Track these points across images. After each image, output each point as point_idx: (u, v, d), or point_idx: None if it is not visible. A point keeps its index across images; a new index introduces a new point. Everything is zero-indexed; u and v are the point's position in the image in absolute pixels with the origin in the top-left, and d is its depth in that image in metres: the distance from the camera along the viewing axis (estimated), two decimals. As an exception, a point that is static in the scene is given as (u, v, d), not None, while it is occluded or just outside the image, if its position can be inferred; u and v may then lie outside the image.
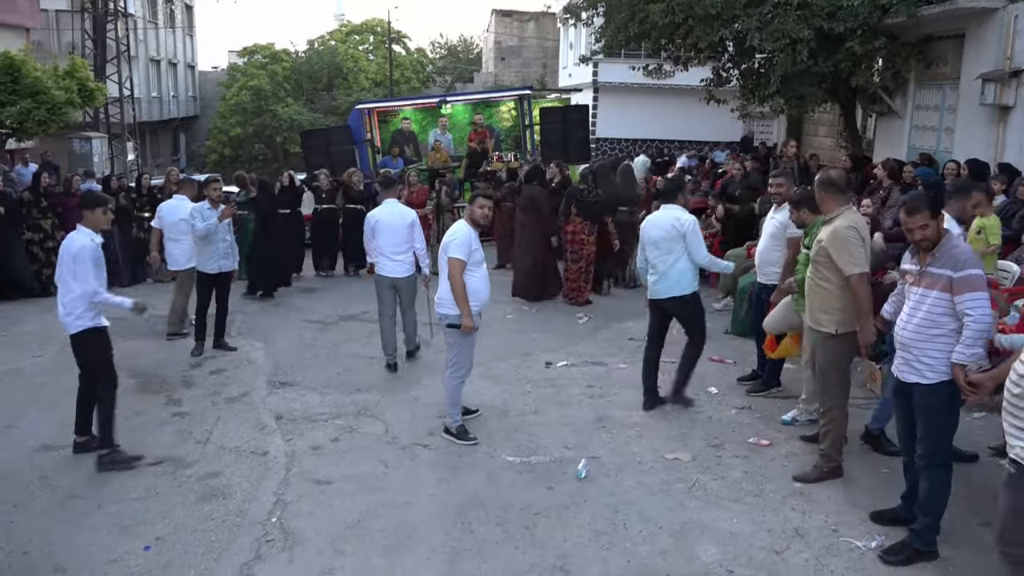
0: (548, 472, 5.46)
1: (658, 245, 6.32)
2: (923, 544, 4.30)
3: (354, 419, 6.45)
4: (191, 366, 7.82)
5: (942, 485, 4.26)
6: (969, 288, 3.99)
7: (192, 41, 41.16)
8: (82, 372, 5.75)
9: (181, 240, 8.63)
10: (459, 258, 5.76)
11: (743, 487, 5.18)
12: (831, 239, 5.03)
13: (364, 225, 7.68)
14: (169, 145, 37.51)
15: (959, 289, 4.02)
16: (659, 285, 6.39)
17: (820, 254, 5.12)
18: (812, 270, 5.27)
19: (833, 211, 5.16)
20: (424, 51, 47.61)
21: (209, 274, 8.15)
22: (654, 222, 6.44)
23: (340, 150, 15.55)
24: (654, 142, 25.52)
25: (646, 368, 6.68)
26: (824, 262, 5.11)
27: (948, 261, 4.09)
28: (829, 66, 11.10)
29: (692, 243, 6.26)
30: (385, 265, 7.55)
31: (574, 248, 9.99)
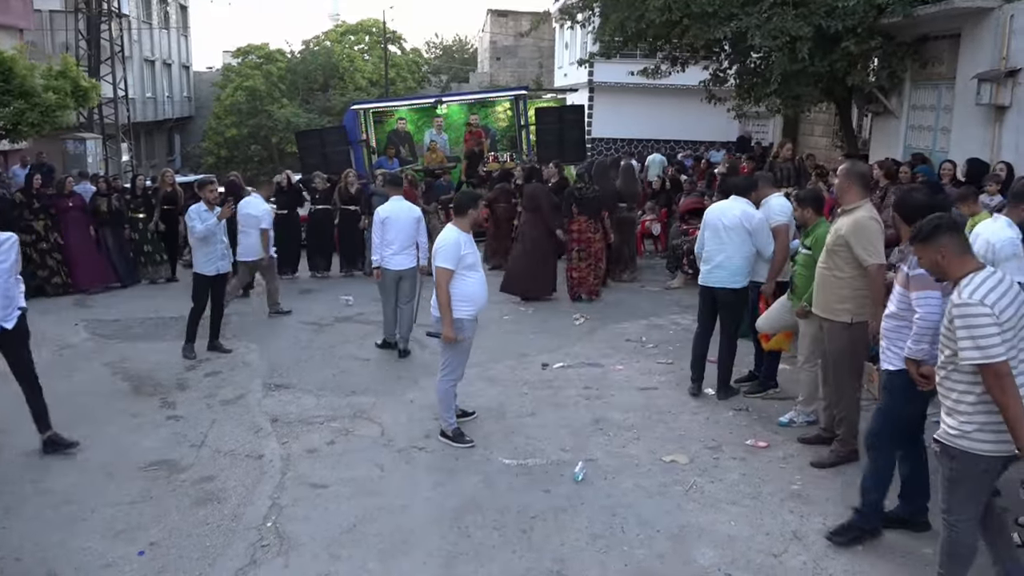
0: (545, 475, 5.43)
1: (720, 235, 6.47)
2: (864, 523, 4.49)
3: (350, 422, 6.41)
4: (186, 368, 7.77)
5: (883, 464, 4.45)
6: (920, 286, 4.12)
7: (187, 41, 41.01)
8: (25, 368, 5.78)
9: (251, 233, 9.26)
10: (447, 267, 5.71)
11: (741, 489, 5.15)
12: (854, 229, 5.09)
13: (374, 220, 8.11)
14: (164, 146, 37.39)
15: (913, 286, 4.17)
16: (716, 274, 6.54)
17: (838, 243, 5.16)
18: (827, 260, 5.29)
19: (854, 202, 5.21)
20: (419, 51, 47.58)
21: (207, 275, 8.10)
22: (723, 211, 6.55)
23: (335, 151, 15.53)
24: (649, 142, 25.52)
25: (695, 357, 6.86)
26: (842, 252, 5.16)
27: (908, 258, 4.25)
28: (825, 66, 11.08)
29: (761, 239, 6.45)
30: (392, 259, 7.91)
31: (581, 246, 10.10)
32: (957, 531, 3.65)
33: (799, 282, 6.00)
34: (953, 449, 3.56)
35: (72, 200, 11.27)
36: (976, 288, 3.41)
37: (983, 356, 3.35)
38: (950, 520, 3.67)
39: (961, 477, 3.57)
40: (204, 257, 8.06)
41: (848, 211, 5.21)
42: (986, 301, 3.37)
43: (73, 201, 11.27)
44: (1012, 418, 3.32)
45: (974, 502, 3.62)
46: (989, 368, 3.35)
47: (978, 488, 3.60)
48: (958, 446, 3.54)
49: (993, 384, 3.35)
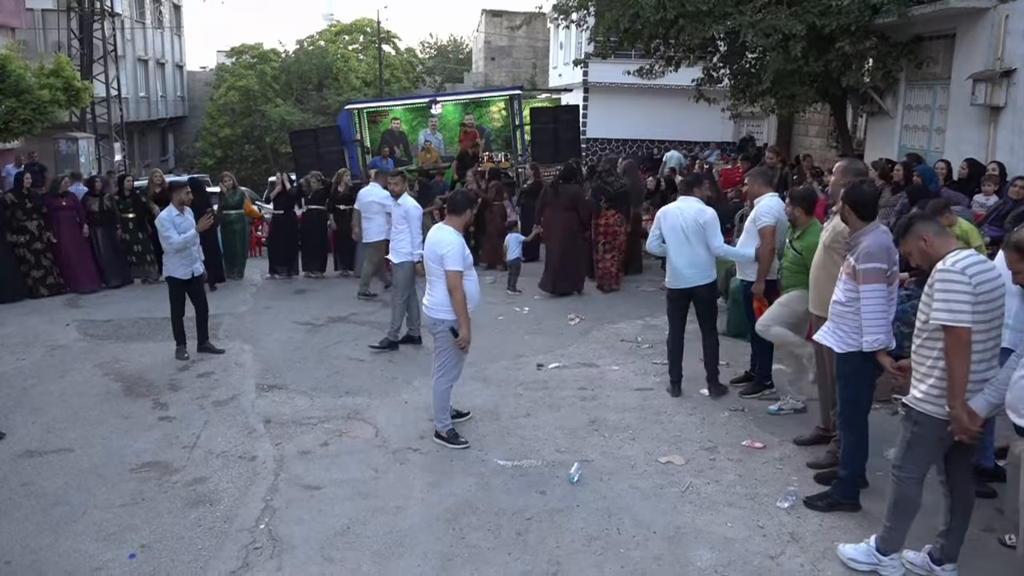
0: (540, 476, 5.39)
1: (681, 235, 6.57)
2: (842, 495, 4.80)
3: (344, 423, 6.37)
4: (178, 369, 7.71)
5: (854, 444, 4.74)
6: (868, 279, 4.39)
7: (180, 41, 40.92)
8: None
9: (374, 218, 10.06)
10: (459, 270, 5.65)
11: (737, 491, 5.12)
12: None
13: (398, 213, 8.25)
14: (157, 146, 37.28)
15: (862, 279, 4.41)
16: (687, 273, 6.62)
17: (836, 240, 5.19)
18: (825, 259, 5.30)
19: None
20: (414, 51, 47.57)
21: (181, 279, 7.97)
22: (679, 211, 6.63)
23: (330, 150, 15.49)
24: (644, 142, 25.52)
25: (673, 360, 6.93)
26: (839, 248, 5.15)
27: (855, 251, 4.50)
28: (820, 66, 11.08)
29: (712, 233, 6.55)
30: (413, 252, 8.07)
31: (608, 239, 10.45)
32: (904, 485, 3.99)
33: (786, 282, 6.08)
34: (918, 414, 3.86)
35: (66, 200, 11.18)
36: (959, 259, 3.69)
37: (951, 319, 3.62)
38: (900, 476, 4.01)
39: (920, 441, 3.90)
40: (178, 261, 7.90)
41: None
42: (967, 271, 3.64)
43: (67, 201, 11.18)
44: (956, 380, 3.64)
45: (925, 462, 3.98)
46: (953, 331, 3.63)
47: (933, 451, 3.93)
48: (923, 410, 3.84)
49: (952, 346, 3.64)
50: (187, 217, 7.98)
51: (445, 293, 5.67)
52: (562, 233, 10.46)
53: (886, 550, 4.14)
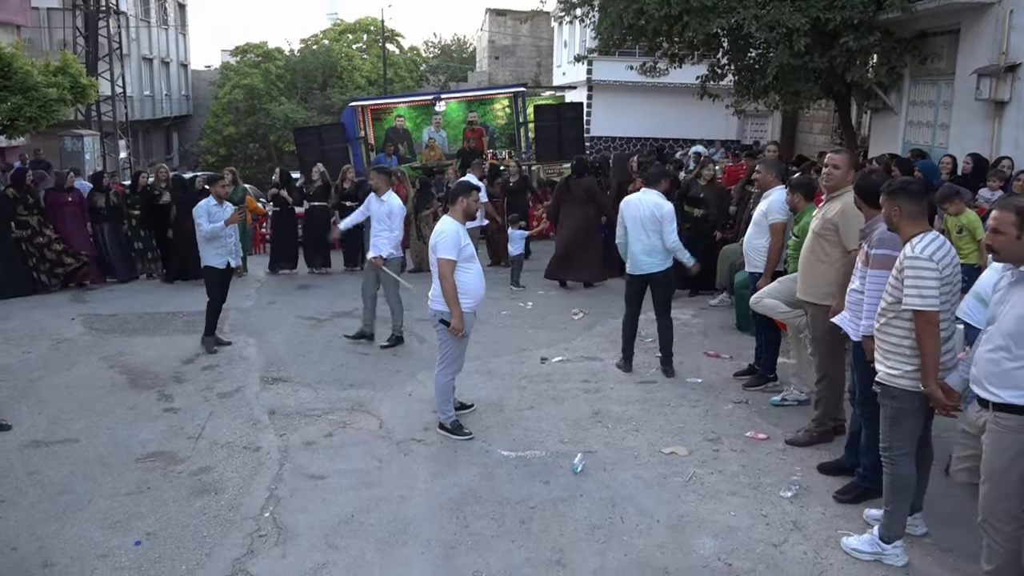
0: (544, 467, 5.41)
1: (639, 226, 6.91)
2: (870, 483, 4.75)
3: (348, 414, 6.39)
4: (183, 362, 7.74)
5: (873, 431, 4.61)
6: (878, 265, 4.40)
7: (185, 40, 41.00)
8: None
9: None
10: (450, 258, 5.67)
11: (740, 480, 5.13)
12: (844, 213, 5.23)
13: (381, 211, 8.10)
14: (162, 144, 37.37)
15: (872, 264, 4.45)
16: (646, 261, 7.00)
17: (826, 227, 5.30)
18: (814, 245, 5.40)
19: (844, 187, 5.33)
20: (418, 50, 47.55)
21: (218, 268, 8.05)
22: (639, 203, 6.95)
23: (334, 147, 15.49)
24: (648, 140, 25.51)
25: (626, 340, 7.38)
26: (830, 236, 5.31)
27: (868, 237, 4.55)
28: (824, 61, 11.07)
29: (667, 227, 6.87)
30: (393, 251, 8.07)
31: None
32: (898, 465, 4.10)
33: (790, 268, 6.18)
34: (895, 389, 4.02)
35: (72, 196, 11.22)
36: (927, 245, 3.84)
37: (923, 304, 3.79)
38: (892, 456, 4.11)
39: (901, 415, 4.04)
40: (213, 250, 8.00)
41: (837, 196, 5.36)
42: (934, 257, 3.81)
43: (72, 197, 11.22)
44: (929, 361, 3.83)
45: (912, 436, 4.09)
46: (924, 315, 3.80)
47: (914, 423, 4.07)
48: (899, 386, 4.00)
49: (923, 329, 3.82)
50: (225, 209, 8.06)
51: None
52: (579, 226, 10.53)
53: (890, 537, 4.16)
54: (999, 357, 3.48)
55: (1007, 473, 3.52)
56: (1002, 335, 3.47)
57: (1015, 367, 3.44)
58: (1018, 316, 3.43)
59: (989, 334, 3.58)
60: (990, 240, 3.57)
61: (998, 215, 3.54)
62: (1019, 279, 3.48)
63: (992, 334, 3.55)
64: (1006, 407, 3.48)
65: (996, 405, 3.51)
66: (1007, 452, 3.50)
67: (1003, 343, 3.46)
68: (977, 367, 3.60)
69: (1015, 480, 3.52)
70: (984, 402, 3.59)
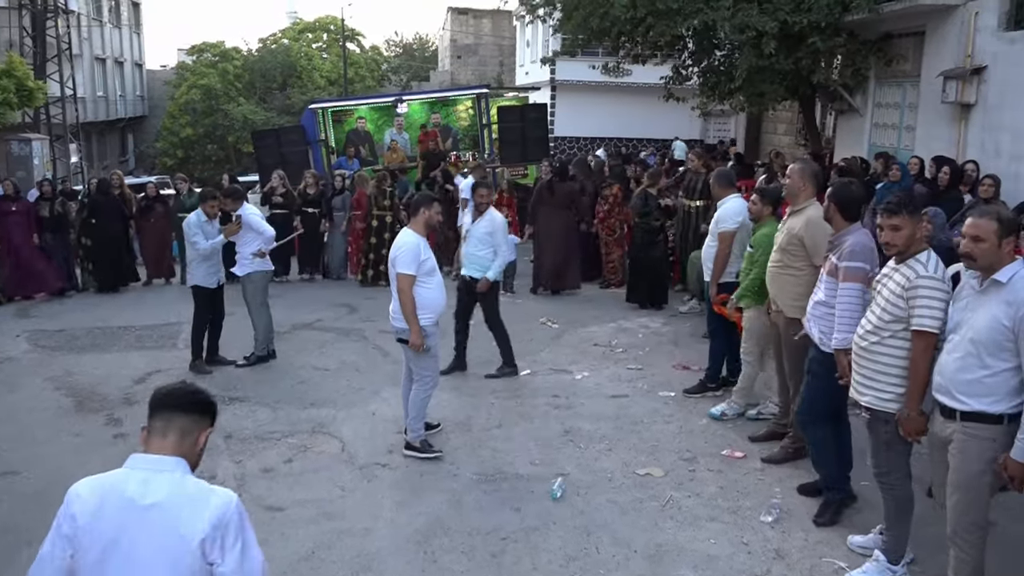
0: (514, 491, 5.18)
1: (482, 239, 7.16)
2: (835, 495, 4.74)
3: (308, 437, 6.10)
4: (134, 381, 7.38)
5: (819, 438, 4.71)
6: (849, 277, 4.31)
7: (139, 39, 40.07)
8: None
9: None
10: (409, 273, 5.46)
11: (719, 504, 4.95)
12: (809, 228, 5.09)
13: (256, 222, 7.83)
14: (117, 146, 36.46)
15: (844, 276, 4.35)
16: (470, 266, 7.33)
17: (792, 242, 5.18)
18: (781, 258, 5.28)
19: (807, 200, 5.22)
20: (379, 49, 47.05)
21: (208, 288, 7.71)
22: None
23: (293, 151, 15.08)
24: (612, 140, 25.42)
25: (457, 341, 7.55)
26: (796, 250, 5.18)
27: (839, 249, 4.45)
28: (790, 63, 10.98)
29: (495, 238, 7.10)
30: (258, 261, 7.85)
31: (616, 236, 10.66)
32: (898, 489, 4.00)
33: (742, 278, 6.07)
34: (887, 414, 3.87)
35: (16, 205, 10.75)
36: (937, 265, 3.72)
37: (933, 325, 3.63)
38: (890, 481, 4.01)
39: (896, 439, 3.89)
40: (204, 269, 7.66)
41: (800, 210, 5.22)
42: (944, 278, 3.69)
43: (17, 206, 10.75)
44: (919, 383, 3.69)
45: (905, 458, 3.97)
46: (929, 336, 3.65)
47: (908, 446, 3.93)
48: (892, 410, 3.84)
49: (923, 350, 3.67)
50: (215, 225, 7.74)
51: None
52: (565, 233, 10.42)
53: (895, 558, 4.06)
54: (968, 364, 3.41)
55: (976, 483, 3.46)
56: (971, 343, 3.40)
57: (986, 375, 3.38)
58: (988, 325, 3.35)
59: (955, 343, 3.49)
60: (969, 248, 3.44)
61: (979, 223, 3.42)
62: (988, 287, 3.39)
63: (959, 342, 3.46)
64: (975, 416, 3.41)
65: (965, 414, 3.44)
66: (976, 462, 3.43)
67: (973, 351, 3.40)
68: (943, 376, 3.52)
69: (984, 490, 3.46)
70: (950, 412, 3.50)
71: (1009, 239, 3.37)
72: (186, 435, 2.37)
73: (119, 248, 11.42)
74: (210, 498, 2.26)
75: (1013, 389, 3.35)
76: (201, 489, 2.28)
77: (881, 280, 3.92)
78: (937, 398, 3.56)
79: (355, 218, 11.80)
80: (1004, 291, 3.34)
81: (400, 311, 5.55)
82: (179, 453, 2.33)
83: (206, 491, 2.28)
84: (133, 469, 2.30)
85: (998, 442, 3.37)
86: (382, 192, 11.44)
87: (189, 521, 2.21)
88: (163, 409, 2.37)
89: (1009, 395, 3.36)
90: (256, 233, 7.68)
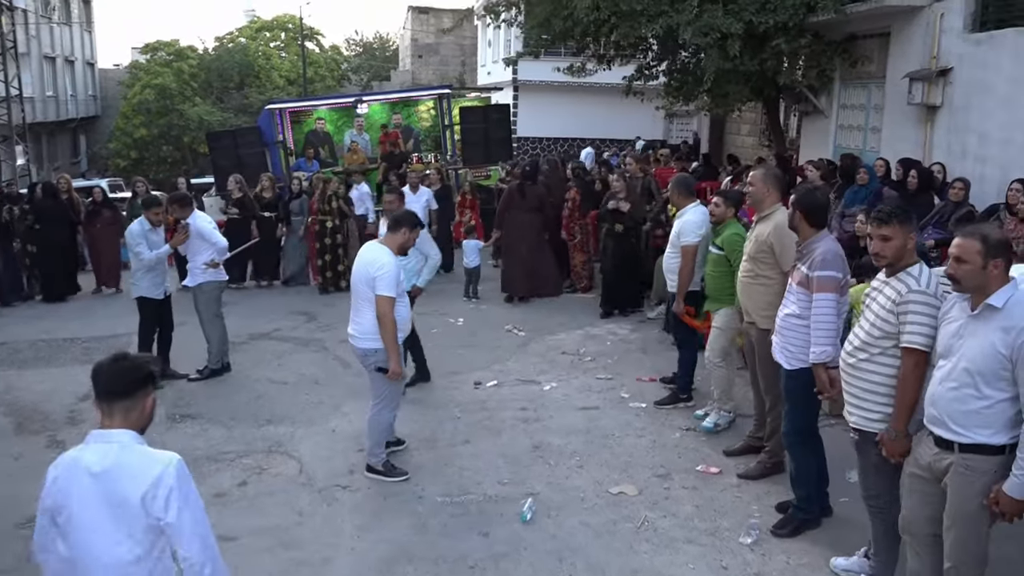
0: (482, 514, 4.93)
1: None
2: (804, 515, 4.60)
3: (264, 457, 5.80)
4: (79, 398, 6.98)
5: (804, 460, 4.54)
6: (822, 288, 4.18)
7: (91, 37, 39.03)
8: None
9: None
10: (391, 296, 5.12)
11: (696, 525, 4.74)
12: (778, 234, 4.91)
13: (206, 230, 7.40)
14: (68, 147, 35.46)
15: (816, 287, 4.21)
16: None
17: (762, 250, 5.00)
18: (751, 267, 5.11)
19: (772, 206, 5.07)
20: (339, 48, 46.48)
21: (155, 299, 7.36)
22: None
23: (250, 152, 14.65)
24: (576, 141, 25.26)
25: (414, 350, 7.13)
26: (766, 257, 5.00)
27: (808, 259, 4.29)
28: (755, 64, 10.85)
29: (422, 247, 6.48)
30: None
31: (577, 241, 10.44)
32: (888, 512, 3.77)
33: (709, 283, 5.94)
34: (876, 435, 3.66)
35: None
36: (930, 279, 3.51)
37: (924, 343, 3.44)
38: (879, 504, 3.83)
39: (885, 461, 3.66)
40: (149, 280, 7.31)
41: (767, 216, 5.06)
42: (937, 294, 3.48)
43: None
44: (907, 402, 3.49)
45: (895, 481, 3.68)
46: (919, 354, 3.45)
47: (897, 468, 3.64)
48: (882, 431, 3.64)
49: (912, 368, 3.47)
50: (159, 232, 7.37)
51: (374, 320, 5.15)
52: (534, 236, 10.17)
53: None
54: (964, 395, 3.22)
55: (978, 518, 3.26)
56: (966, 372, 3.20)
57: (984, 406, 3.19)
58: (984, 352, 3.16)
59: (946, 370, 3.29)
60: (952, 269, 3.27)
61: (963, 243, 3.25)
62: (982, 311, 3.20)
63: (951, 370, 3.26)
64: (975, 448, 3.22)
65: (963, 446, 3.24)
66: (979, 496, 3.23)
67: (968, 380, 3.20)
68: (937, 406, 3.31)
69: (985, 523, 3.28)
70: (946, 443, 3.30)
71: (997, 260, 3.17)
72: (130, 411, 2.61)
73: (65, 255, 10.96)
74: (151, 461, 2.55)
75: (1010, 420, 3.17)
76: (144, 454, 2.57)
77: (870, 294, 3.72)
78: (932, 430, 3.36)
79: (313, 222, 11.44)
80: (1000, 317, 3.15)
81: (369, 332, 5.22)
82: (127, 426, 2.60)
83: (148, 455, 2.57)
84: (89, 444, 2.59)
85: (998, 474, 3.19)
86: (324, 196, 11.08)
87: (132, 483, 2.51)
88: (103, 396, 2.61)
89: (1007, 426, 3.17)
90: (207, 243, 7.32)
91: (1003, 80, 8.59)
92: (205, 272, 7.37)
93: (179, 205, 7.41)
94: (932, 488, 3.42)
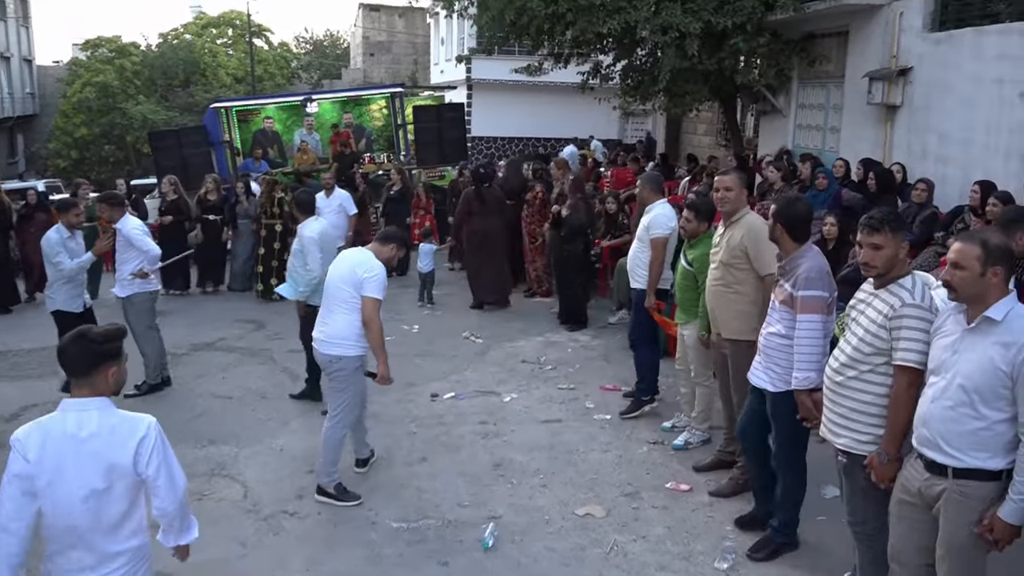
0: (441, 540, 4.62)
1: (295, 254, 6.64)
2: (784, 538, 4.38)
3: (206, 481, 5.39)
4: (5, 420, 6.50)
5: (795, 485, 4.32)
6: (807, 309, 3.94)
7: (28, 32, 37.67)
8: None
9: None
10: (380, 298, 4.92)
11: (668, 548, 4.48)
12: (753, 237, 4.67)
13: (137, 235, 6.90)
14: (5, 147, 34.14)
15: (801, 308, 3.96)
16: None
17: (735, 255, 4.74)
18: (723, 275, 4.84)
19: (742, 209, 4.86)
20: (288, 46, 45.54)
21: (73, 313, 6.71)
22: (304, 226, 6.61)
23: (195, 152, 14.13)
24: (531, 140, 25.03)
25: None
26: (740, 264, 4.74)
27: (791, 276, 4.03)
28: (713, 63, 10.69)
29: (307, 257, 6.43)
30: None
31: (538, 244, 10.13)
32: (876, 539, 3.52)
33: (679, 292, 5.67)
34: (865, 457, 3.42)
35: None
36: (924, 291, 3.29)
37: (919, 361, 3.21)
38: (867, 531, 3.58)
39: (874, 485, 3.41)
40: (68, 293, 6.72)
41: (737, 221, 4.81)
42: (932, 307, 3.27)
43: None
44: (900, 424, 3.25)
45: (884, 506, 3.40)
46: (913, 372, 3.22)
47: (887, 493, 3.38)
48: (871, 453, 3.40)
49: (905, 387, 3.24)
50: (77, 238, 6.81)
51: (348, 324, 4.93)
52: (497, 242, 9.80)
53: None
54: (960, 415, 2.98)
55: (974, 548, 3.03)
56: (961, 390, 2.97)
57: (981, 427, 2.95)
58: (982, 369, 2.93)
59: (940, 388, 3.05)
60: (948, 276, 3.04)
61: (961, 247, 3.02)
62: (980, 324, 2.97)
63: (945, 388, 3.03)
64: (970, 473, 2.99)
65: (958, 471, 3.01)
66: (974, 525, 3.00)
67: (964, 399, 2.97)
68: (929, 427, 3.07)
69: (982, 552, 3.05)
70: (938, 467, 3.06)
71: (996, 268, 2.95)
72: (97, 383, 2.82)
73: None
74: (135, 422, 2.84)
75: (1009, 443, 2.94)
76: (125, 418, 2.84)
77: (856, 307, 3.47)
78: (922, 452, 3.13)
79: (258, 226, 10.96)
80: (999, 330, 2.93)
81: (341, 337, 4.97)
82: (98, 394, 2.82)
83: (129, 418, 2.85)
84: (66, 412, 2.79)
85: (995, 501, 2.96)
86: (270, 199, 10.62)
87: (120, 443, 2.78)
88: (70, 375, 2.82)
89: (1005, 449, 2.95)
90: (137, 250, 6.85)
91: (963, 80, 8.51)
92: (133, 283, 6.88)
93: (109, 205, 6.88)
94: (922, 516, 3.18)
